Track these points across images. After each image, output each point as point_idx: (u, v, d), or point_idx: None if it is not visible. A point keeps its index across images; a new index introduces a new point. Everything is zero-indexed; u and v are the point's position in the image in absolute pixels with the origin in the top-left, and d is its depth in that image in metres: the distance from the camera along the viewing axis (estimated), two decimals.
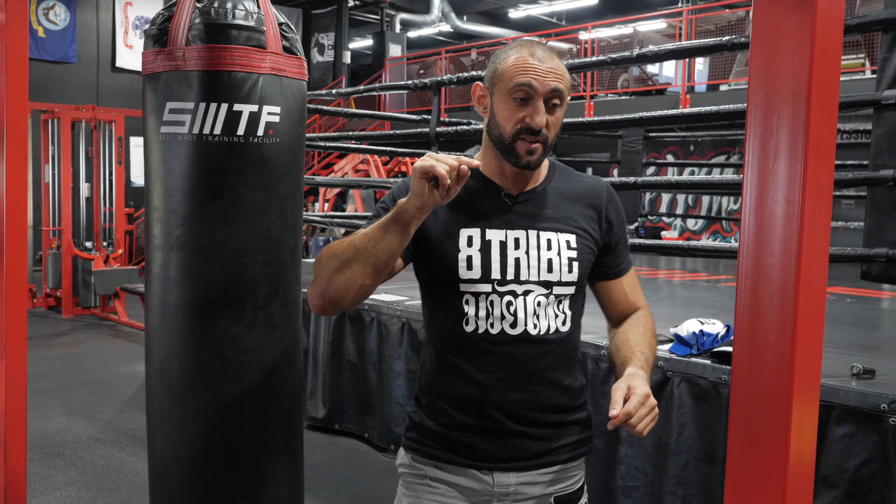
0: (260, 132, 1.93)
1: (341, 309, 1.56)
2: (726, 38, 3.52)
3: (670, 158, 12.30)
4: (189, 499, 2.04)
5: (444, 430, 1.65)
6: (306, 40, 17.48)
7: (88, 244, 9.80)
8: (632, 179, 3.76)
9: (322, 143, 6.39)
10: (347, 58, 17.52)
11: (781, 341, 0.89)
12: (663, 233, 12.49)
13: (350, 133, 7.94)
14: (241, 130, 1.91)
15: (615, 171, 11.40)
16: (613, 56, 3.64)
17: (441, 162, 1.40)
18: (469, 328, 1.61)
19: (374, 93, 6.17)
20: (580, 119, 4.22)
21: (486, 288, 1.60)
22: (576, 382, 1.71)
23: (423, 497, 1.67)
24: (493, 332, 1.60)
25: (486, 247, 1.61)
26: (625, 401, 1.43)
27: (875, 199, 3.15)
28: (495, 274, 1.60)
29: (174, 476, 2.04)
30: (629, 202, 9.62)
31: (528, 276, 1.61)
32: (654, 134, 9.24)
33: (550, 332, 1.62)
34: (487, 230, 1.62)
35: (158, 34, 1.96)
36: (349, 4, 17.64)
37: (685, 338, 3.24)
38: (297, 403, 2.15)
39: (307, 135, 9.87)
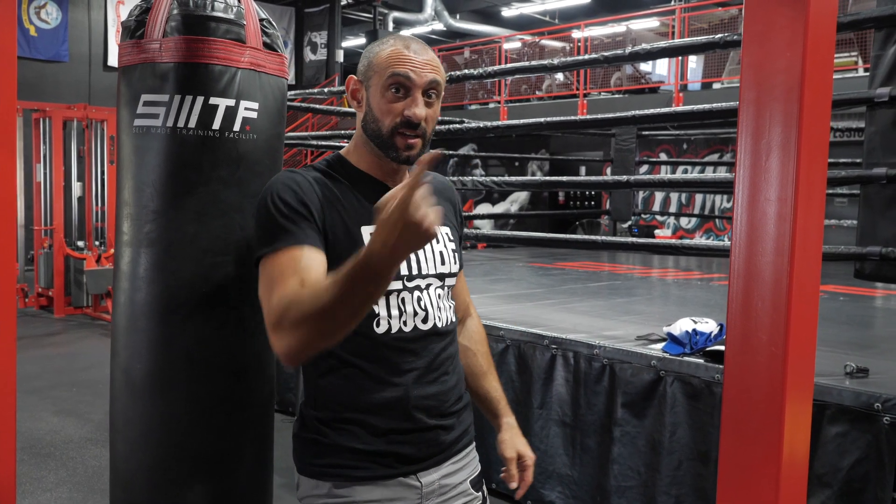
0: (236, 127, 1.87)
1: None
2: (719, 35, 3.52)
3: (663, 157, 12.31)
4: None
5: (364, 445, 1.55)
6: (299, 39, 17.45)
7: (80, 243, 9.76)
8: (624, 178, 3.75)
9: (314, 142, 6.37)
10: (340, 56, 17.48)
11: (774, 341, 0.88)
12: (656, 231, 12.50)
13: (343, 132, 7.91)
14: (216, 125, 1.85)
15: (608, 170, 11.40)
16: (606, 54, 3.63)
17: (429, 212, 1.20)
18: (381, 329, 1.54)
19: None
20: (573, 118, 4.21)
21: (397, 285, 1.55)
22: (461, 368, 1.74)
23: None
24: (407, 329, 1.56)
25: None
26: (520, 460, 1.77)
27: (868, 198, 3.15)
28: (404, 270, 1.56)
29: (136, 483, 1.96)
30: (623, 201, 9.62)
31: (428, 270, 1.60)
32: (647, 132, 9.24)
33: (450, 323, 1.65)
34: None
35: (136, 26, 1.90)
36: (342, 3, 17.60)
37: (678, 337, 3.23)
38: (268, 410, 2.05)
39: (300, 133, 9.79)
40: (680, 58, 10.70)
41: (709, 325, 3.26)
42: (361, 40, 19.35)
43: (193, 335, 1.87)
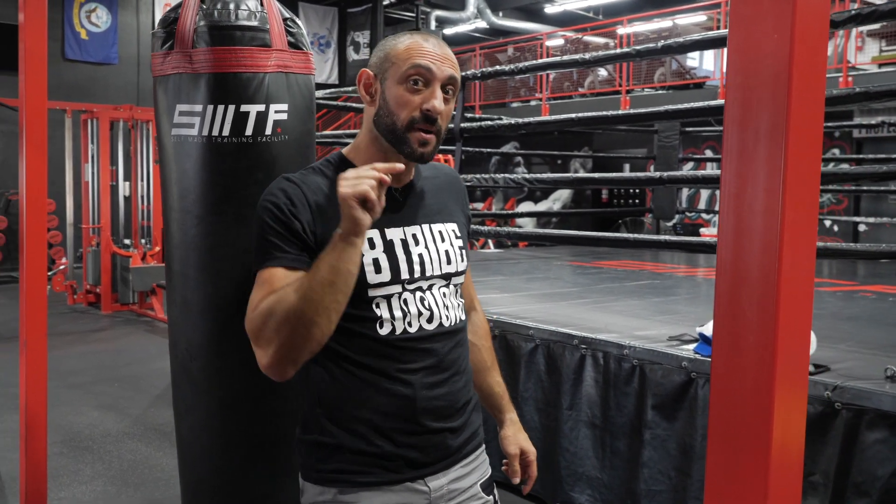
0: (268, 131, 1.95)
1: (300, 366, 1.47)
2: None
3: (709, 153, 12.09)
4: (216, 484, 2.12)
5: (370, 447, 1.52)
6: (342, 38, 17.55)
7: (127, 241, 9.95)
8: (656, 175, 3.67)
9: (350, 141, 6.38)
10: None
11: (762, 343, 0.84)
12: (702, 230, 12.28)
13: None
14: (249, 131, 1.94)
15: (651, 167, 11.25)
16: (639, 48, 3.56)
17: (365, 181, 1.31)
18: (384, 331, 1.52)
19: None
20: (605, 113, 4.13)
21: (397, 289, 1.53)
22: (470, 369, 1.71)
23: None
24: (412, 329, 1.54)
25: (389, 247, 1.53)
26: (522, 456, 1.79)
27: None
28: (404, 274, 1.53)
29: (201, 464, 2.13)
30: (666, 198, 9.47)
31: (432, 272, 1.57)
32: (691, 129, 9.08)
33: (457, 322, 1.62)
34: (386, 230, 1.54)
35: (166, 36, 1.99)
36: (384, 2, 17.66)
37: (710, 337, 3.15)
38: None
39: (338, 132, 9.83)
40: (726, 51, 10.51)
41: None
42: None
43: (243, 330, 1.98)
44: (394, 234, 1.55)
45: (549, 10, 18.66)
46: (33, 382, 3.01)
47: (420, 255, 1.56)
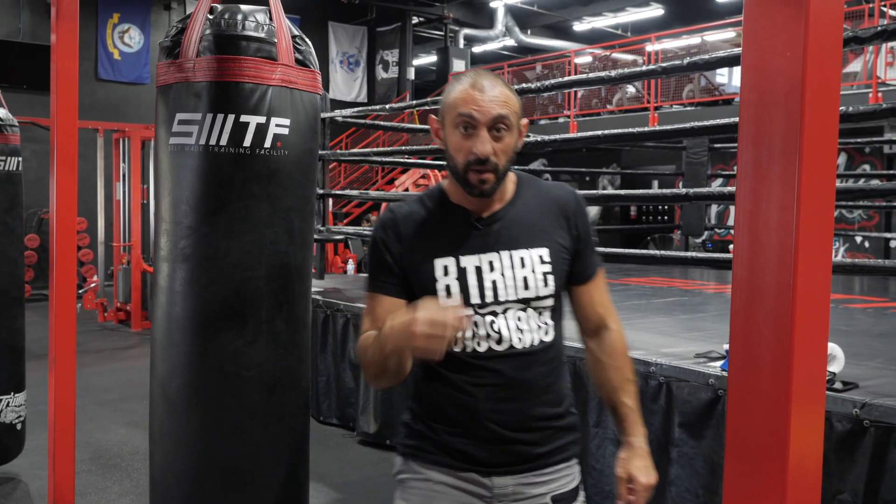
0: (267, 144, 1.91)
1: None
2: None
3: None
4: None
5: (442, 438, 1.71)
6: (371, 57, 17.70)
7: None
8: (683, 191, 3.65)
9: (378, 159, 6.43)
10: (412, 74, 17.65)
11: (778, 359, 0.83)
12: (731, 246, 12.17)
13: (410, 148, 7.96)
14: (247, 142, 1.89)
15: (680, 184, 11.18)
16: (664, 65, 3.55)
17: (447, 328, 1.46)
18: (457, 348, 1.67)
19: (432, 107, 6.17)
20: (632, 129, 4.11)
21: (468, 312, 1.64)
22: (562, 388, 1.78)
23: (431, 500, 1.73)
24: (481, 349, 1.67)
25: (462, 274, 1.67)
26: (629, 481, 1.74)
27: None
28: (474, 299, 1.66)
29: (172, 494, 2.01)
30: (694, 215, 9.40)
31: (507, 297, 1.67)
32: (719, 145, 9.02)
33: (535, 344, 1.70)
34: (461, 257, 1.68)
35: (171, 46, 1.96)
36: (413, 21, 17.79)
37: None
38: (301, 423, 2.09)
39: (366, 150, 9.89)
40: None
41: None
42: (433, 58, 19.50)
43: (227, 349, 1.91)
44: (468, 261, 1.68)
45: (578, 27, 18.70)
46: (61, 399, 3.05)
47: (493, 282, 1.67)
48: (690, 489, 3.16)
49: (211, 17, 1.91)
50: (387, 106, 5.94)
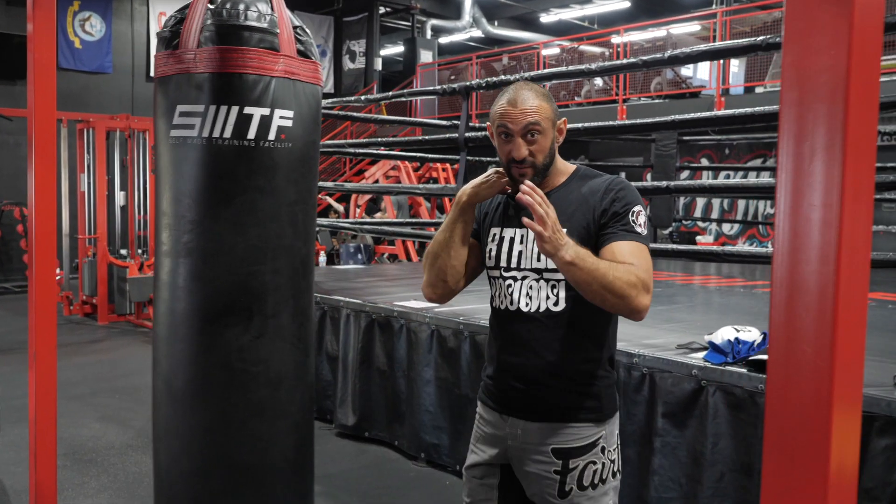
0: (271, 136, 1.89)
1: (449, 293, 2.07)
2: (760, 38, 3.44)
3: (705, 162, 12.13)
4: None
5: (485, 381, 2.13)
6: (338, 48, 17.56)
7: (123, 252, 9.90)
8: (664, 184, 3.69)
9: (352, 150, 6.39)
10: (379, 64, 17.56)
11: (820, 354, 0.84)
12: (698, 237, 12.32)
13: (380, 139, 7.92)
14: (251, 134, 1.87)
15: (648, 176, 11.27)
16: (645, 58, 3.57)
17: (471, 187, 2.01)
18: (494, 304, 2.08)
19: (404, 98, 6.15)
20: (612, 122, 4.14)
21: (498, 273, 2.04)
22: (575, 359, 1.99)
23: (478, 428, 2.15)
24: (501, 307, 2.04)
25: (500, 242, 2.06)
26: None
27: None
28: (503, 262, 2.04)
29: (178, 491, 2.00)
30: (663, 207, 9.49)
31: (525, 265, 2.00)
32: (688, 137, 9.11)
33: (541, 310, 1.98)
34: (504, 229, 2.07)
35: (170, 37, 1.92)
36: (380, 11, 17.68)
37: (720, 346, 3.16)
38: (307, 418, 2.08)
39: (337, 141, 9.82)
40: (721, 62, 10.55)
41: (752, 334, 3.18)
42: (399, 48, 19.41)
43: (233, 345, 1.91)
44: (507, 233, 2.06)
45: (545, 19, 18.73)
46: (43, 395, 2.99)
47: (519, 252, 2.02)
48: (673, 478, 3.20)
49: (212, 6, 1.87)
50: (363, 97, 5.91)
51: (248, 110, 1.86)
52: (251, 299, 1.90)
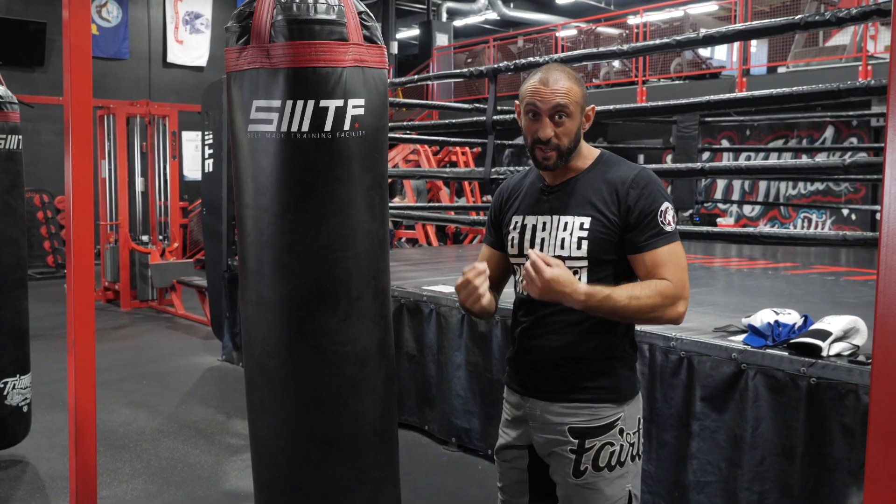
0: (346, 126, 1.94)
1: (494, 310, 2.11)
2: (798, 16, 3.39)
3: (725, 143, 12.04)
4: (293, 485, 2.12)
5: (509, 364, 2.17)
6: None
7: (145, 238, 9.94)
8: (698, 165, 3.65)
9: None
10: (395, 48, 17.47)
11: None
12: (719, 219, 12.24)
13: (402, 123, 7.88)
14: (328, 126, 1.92)
15: (668, 158, 11.19)
16: (678, 38, 3.53)
17: (468, 284, 1.94)
18: (518, 289, 2.11)
19: (426, 82, 6.12)
20: (636, 105, 4.10)
21: (522, 260, 1.99)
22: (592, 344, 2.01)
23: (505, 411, 2.20)
24: (524, 294, 2.01)
25: (522, 229, 2.08)
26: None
27: None
28: (526, 250, 2.02)
29: (277, 464, 2.12)
30: (685, 189, 9.43)
31: (547, 252, 1.99)
32: (709, 119, 9.03)
33: None
34: (527, 216, 2.09)
35: (241, 31, 1.96)
36: None
37: (760, 328, 3.13)
38: (390, 391, 2.19)
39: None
40: (742, 42, 10.42)
41: (791, 317, 3.15)
42: (415, 31, 19.31)
43: (322, 328, 2.02)
44: (529, 220, 2.07)
45: (560, 0, 18.58)
46: (82, 382, 3.01)
47: (542, 239, 2.03)
48: (712, 462, 3.19)
49: (281, 0, 1.90)
50: (395, 80, 5.87)
51: (323, 103, 1.91)
52: (336, 285, 1.99)
